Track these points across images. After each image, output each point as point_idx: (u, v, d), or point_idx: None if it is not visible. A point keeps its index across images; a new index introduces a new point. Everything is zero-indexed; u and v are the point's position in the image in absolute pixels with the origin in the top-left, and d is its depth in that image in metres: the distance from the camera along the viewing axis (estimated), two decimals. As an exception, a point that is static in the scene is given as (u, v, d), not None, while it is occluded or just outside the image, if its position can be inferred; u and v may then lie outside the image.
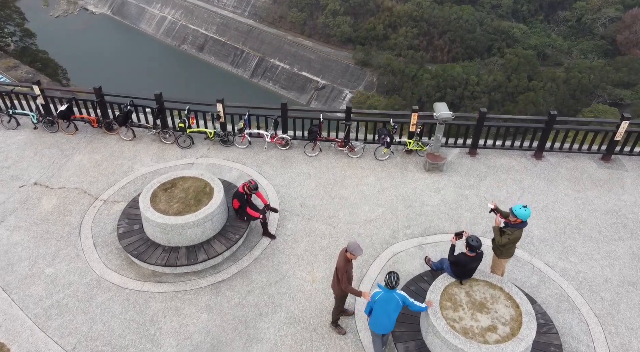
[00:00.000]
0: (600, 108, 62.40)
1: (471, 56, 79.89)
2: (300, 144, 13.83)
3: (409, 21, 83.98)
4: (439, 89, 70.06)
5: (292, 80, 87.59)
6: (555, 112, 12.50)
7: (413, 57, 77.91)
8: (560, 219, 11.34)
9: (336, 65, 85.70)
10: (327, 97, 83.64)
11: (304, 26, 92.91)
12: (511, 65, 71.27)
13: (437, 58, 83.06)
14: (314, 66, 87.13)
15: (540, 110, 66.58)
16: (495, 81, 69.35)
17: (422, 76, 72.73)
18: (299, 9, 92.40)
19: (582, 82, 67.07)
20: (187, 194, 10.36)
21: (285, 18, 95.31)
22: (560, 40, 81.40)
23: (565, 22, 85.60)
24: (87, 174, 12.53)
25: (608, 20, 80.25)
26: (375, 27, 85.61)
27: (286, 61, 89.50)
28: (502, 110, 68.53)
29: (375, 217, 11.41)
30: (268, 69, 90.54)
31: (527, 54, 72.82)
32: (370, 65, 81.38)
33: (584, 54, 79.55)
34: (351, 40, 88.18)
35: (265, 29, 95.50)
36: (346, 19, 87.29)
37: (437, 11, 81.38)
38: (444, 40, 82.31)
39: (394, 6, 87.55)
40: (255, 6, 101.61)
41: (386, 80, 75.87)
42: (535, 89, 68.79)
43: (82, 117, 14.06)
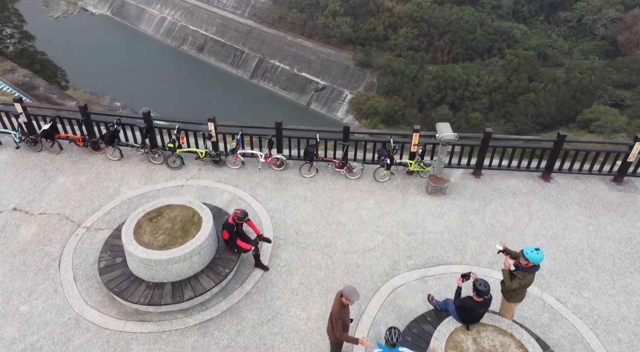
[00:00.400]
0: (601, 109, 61.83)
1: (471, 57, 79.17)
2: (296, 164, 13.14)
3: (409, 22, 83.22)
4: (439, 90, 69.40)
5: (292, 81, 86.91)
6: (566, 133, 11.81)
7: (413, 57, 77.20)
8: (571, 249, 10.66)
9: (336, 66, 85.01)
10: (327, 98, 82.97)
11: (304, 27, 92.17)
12: (511, 66, 70.62)
13: (437, 59, 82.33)
14: (314, 67, 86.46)
15: (540, 111, 66.08)
16: (495, 82, 68.72)
17: (422, 77, 72.06)
18: (298, 9, 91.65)
19: (582, 83, 66.48)
20: (173, 224, 9.70)
21: (285, 19, 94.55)
22: (560, 41, 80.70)
23: (566, 22, 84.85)
24: (71, 198, 11.85)
25: (609, 21, 79.56)
26: (376, 27, 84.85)
27: (286, 62, 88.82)
28: (503, 110, 68.00)
29: (374, 245, 10.75)
30: (268, 69, 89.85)
31: (527, 54, 72.16)
32: (371, 66, 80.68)
33: (585, 54, 78.87)
34: (351, 41, 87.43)
35: (265, 30, 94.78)
36: (346, 20, 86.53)
37: (438, 12, 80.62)
38: (444, 41, 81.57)
39: (394, 7, 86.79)
40: (255, 7, 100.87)
41: (386, 81, 75.21)
42: (535, 89, 68.15)
43: (67, 136, 13.37)
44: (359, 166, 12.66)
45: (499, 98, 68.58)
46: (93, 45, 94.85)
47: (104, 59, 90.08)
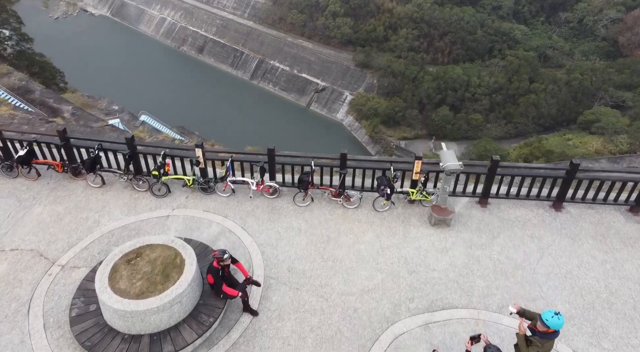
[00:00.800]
0: (602, 110, 61.16)
1: (472, 58, 78.36)
2: (290, 192, 12.27)
3: (409, 23, 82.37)
4: (440, 91, 68.63)
5: (292, 82, 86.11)
6: (579, 161, 10.94)
7: (413, 58, 76.40)
8: (587, 290, 9.82)
9: (336, 67, 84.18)
10: (327, 99, 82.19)
11: (304, 28, 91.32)
12: (512, 67, 69.88)
13: (437, 60, 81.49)
14: (314, 68, 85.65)
15: (541, 113, 65.38)
16: (496, 83, 67.97)
17: (422, 78, 71.31)
18: (298, 10, 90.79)
19: (583, 84, 65.76)
20: (153, 268, 8.88)
21: (285, 19, 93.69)
22: (561, 42, 79.95)
23: (567, 23, 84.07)
24: (46, 231, 11.01)
25: (609, 22, 78.77)
26: (376, 28, 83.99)
27: (286, 63, 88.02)
28: (504, 112, 67.24)
29: (374, 286, 9.92)
30: (268, 70, 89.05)
31: (528, 55, 71.40)
32: (371, 67, 79.87)
33: (586, 55, 78.11)
34: (351, 42, 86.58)
35: (265, 31, 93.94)
36: (346, 21, 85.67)
37: (438, 12, 79.79)
38: (445, 42, 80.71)
39: (394, 7, 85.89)
40: (255, 7, 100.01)
41: (387, 82, 74.45)
42: (536, 91, 67.42)
43: (45, 161, 12.52)
44: (357, 195, 11.81)
45: (499, 99, 67.85)
46: (92, 47, 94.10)
47: (103, 60, 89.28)
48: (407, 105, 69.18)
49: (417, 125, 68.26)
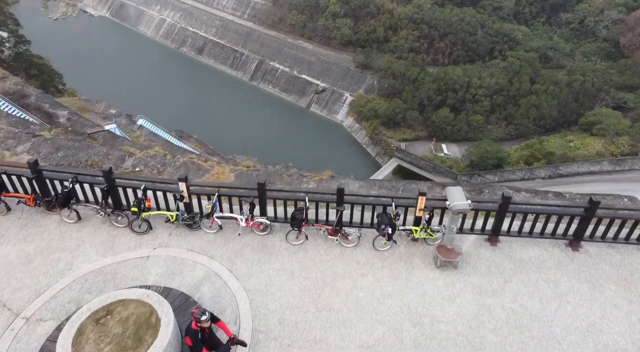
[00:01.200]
0: (603, 112, 60.24)
1: (472, 59, 77.37)
2: (283, 227, 11.26)
3: (409, 23, 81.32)
4: (440, 92, 67.69)
5: (291, 83, 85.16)
6: (600, 200, 9.91)
7: (414, 59, 75.42)
8: (612, 347, 8.81)
9: (336, 68, 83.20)
10: (327, 100, 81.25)
11: (304, 28, 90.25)
12: (513, 68, 68.93)
13: (438, 61, 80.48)
14: (314, 69, 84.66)
15: (542, 114, 64.46)
16: (497, 84, 67.05)
17: (423, 79, 70.38)
18: (298, 11, 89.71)
19: (585, 85, 64.87)
20: (125, 329, 7.88)
21: (285, 20, 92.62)
22: (562, 43, 78.97)
23: (568, 24, 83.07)
24: (13, 276, 10.00)
25: (611, 22, 77.75)
26: (376, 29, 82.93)
27: (286, 64, 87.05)
28: (504, 113, 66.31)
29: (373, 341, 8.92)
30: (268, 71, 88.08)
31: (529, 56, 70.44)
32: (371, 68, 78.90)
33: (587, 56, 77.14)
34: (351, 43, 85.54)
35: (265, 32, 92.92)
36: (346, 22, 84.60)
37: (438, 13, 78.74)
38: (445, 43, 79.68)
39: (394, 8, 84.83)
40: (254, 8, 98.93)
41: (387, 83, 73.52)
42: (537, 92, 66.50)
43: (15, 195, 11.49)
44: (356, 233, 10.79)
45: (500, 100, 66.94)
46: (92, 48, 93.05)
47: (102, 61, 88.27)
48: (408, 107, 68.26)
49: (417, 126, 67.32)
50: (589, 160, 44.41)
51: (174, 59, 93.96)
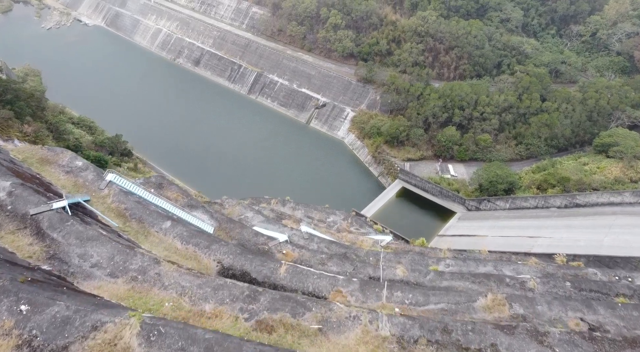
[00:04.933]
0: (620, 132, 57.32)
1: (479, 73, 74.97)
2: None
3: (413, 36, 79.02)
4: (446, 110, 65.11)
5: (291, 97, 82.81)
6: None
7: (418, 74, 73.01)
8: None
9: (337, 81, 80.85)
10: (327, 116, 78.80)
11: (304, 40, 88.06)
12: (522, 84, 66.36)
13: (443, 75, 78.07)
14: (314, 82, 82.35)
15: (554, 133, 61.59)
16: (506, 101, 64.45)
17: (428, 95, 67.88)
18: (298, 22, 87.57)
19: (599, 103, 62.12)
20: None
21: (284, 31, 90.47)
22: (573, 56, 76.47)
23: (579, 36, 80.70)
24: None
25: (624, 36, 75.46)
26: (379, 41, 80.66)
27: (285, 77, 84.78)
28: (514, 132, 63.58)
29: None
30: (266, 85, 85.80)
31: (539, 72, 67.85)
32: (374, 82, 76.55)
33: (600, 71, 74.66)
34: (353, 56, 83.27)
35: (264, 43, 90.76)
36: (348, 34, 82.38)
37: (444, 26, 76.47)
38: (451, 57, 77.33)
39: (398, 20, 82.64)
40: (253, 18, 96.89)
41: (390, 99, 71.05)
42: (549, 110, 63.84)
43: None
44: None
45: (509, 119, 64.30)
46: (84, 59, 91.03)
47: (95, 73, 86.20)
48: (412, 124, 65.70)
49: (422, 145, 64.71)
50: (609, 191, 41.59)
51: (169, 71, 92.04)
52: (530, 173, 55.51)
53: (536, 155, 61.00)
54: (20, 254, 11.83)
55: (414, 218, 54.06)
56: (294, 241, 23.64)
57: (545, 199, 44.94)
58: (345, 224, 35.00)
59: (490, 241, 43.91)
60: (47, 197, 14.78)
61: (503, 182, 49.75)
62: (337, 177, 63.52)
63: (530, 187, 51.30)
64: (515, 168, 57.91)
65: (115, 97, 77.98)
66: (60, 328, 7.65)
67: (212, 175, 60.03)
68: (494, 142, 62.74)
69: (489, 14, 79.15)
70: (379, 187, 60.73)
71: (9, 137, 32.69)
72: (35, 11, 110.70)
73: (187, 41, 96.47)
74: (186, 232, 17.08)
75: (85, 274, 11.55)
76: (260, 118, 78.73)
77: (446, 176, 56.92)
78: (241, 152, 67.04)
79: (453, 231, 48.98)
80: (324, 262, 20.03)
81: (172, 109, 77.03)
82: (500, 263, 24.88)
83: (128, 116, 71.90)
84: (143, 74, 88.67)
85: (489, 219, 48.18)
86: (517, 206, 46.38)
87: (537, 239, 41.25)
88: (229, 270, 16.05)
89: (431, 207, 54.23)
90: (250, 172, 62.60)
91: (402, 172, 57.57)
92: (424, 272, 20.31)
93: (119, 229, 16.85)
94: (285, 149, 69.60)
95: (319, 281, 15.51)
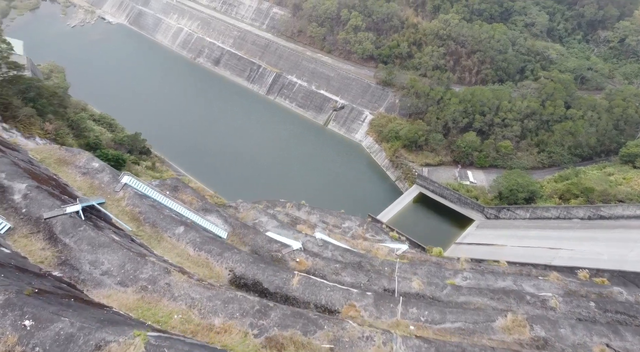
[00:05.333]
0: (647, 142, 55.91)
1: (502, 78, 73.57)
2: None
3: (435, 39, 78.03)
4: (467, 115, 63.98)
5: (309, 99, 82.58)
6: None
7: (439, 78, 72.03)
8: None
9: (356, 84, 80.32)
10: (345, 118, 78.32)
11: (324, 41, 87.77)
12: (546, 90, 64.79)
13: (464, 79, 76.90)
14: (333, 84, 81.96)
15: (579, 142, 60.01)
16: (528, 108, 62.98)
17: (448, 100, 66.82)
18: (318, 23, 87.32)
19: (627, 112, 60.31)
20: None
21: (304, 32, 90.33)
22: (600, 63, 74.44)
23: (607, 42, 78.59)
24: None
25: (656, 42, 73.42)
26: (399, 44, 79.85)
27: (304, 78, 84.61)
28: (536, 139, 62.15)
29: None
30: (285, 86, 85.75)
31: (563, 78, 66.20)
32: (393, 85, 75.78)
33: (628, 78, 72.51)
34: (373, 58, 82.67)
35: (284, 44, 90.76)
36: (368, 36, 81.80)
37: (466, 29, 75.26)
38: (473, 61, 76.10)
39: (419, 23, 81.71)
40: (274, 19, 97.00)
41: (409, 103, 70.22)
42: (573, 117, 62.19)
43: None
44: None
45: (532, 125, 62.83)
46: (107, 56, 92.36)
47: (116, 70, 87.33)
48: (431, 129, 64.79)
49: (441, 150, 63.74)
50: (635, 203, 40.15)
51: (189, 70, 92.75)
52: (553, 182, 54.13)
53: (559, 164, 59.51)
54: (32, 259, 11.72)
55: (431, 225, 53.23)
56: (308, 248, 23.28)
57: (567, 210, 43.68)
58: (360, 230, 34.51)
59: (509, 251, 42.89)
60: (62, 200, 14.69)
61: (524, 191, 48.59)
62: (353, 180, 62.99)
63: (552, 196, 50.00)
64: (536, 176, 56.55)
65: (135, 95, 78.89)
66: (64, 346, 7.41)
67: (228, 175, 60.14)
68: (515, 149, 61.43)
69: (513, 18, 77.67)
70: (395, 191, 60.00)
71: (31, 134, 33.11)
72: (61, 9, 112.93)
73: (208, 41, 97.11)
74: (199, 238, 16.85)
75: (96, 282, 11.37)
76: (278, 119, 78.75)
77: (465, 183, 55.92)
78: (258, 152, 67.06)
79: (471, 239, 48.02)
80: (337, 272, 19.60)
81: (191, 108, 77.53)
82: (520, 278, 24.10)
83: (147, 114, 72.62)
84: (163, 72, 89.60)
85: (508, 228, 47.11)
86: (538, 215, 45.18)
87: (558, 250, 40.10)
88: (240, 279, 15.75)
89: (449, 214, 53.32)
90: (266, 173, 62.54)
91: (420, 177, 56.76)
92: (441, 285, 19.72)
93: (132, 233, 16.70)
94: (302, 151, 69.41)
95: (332, 293, 15.10)
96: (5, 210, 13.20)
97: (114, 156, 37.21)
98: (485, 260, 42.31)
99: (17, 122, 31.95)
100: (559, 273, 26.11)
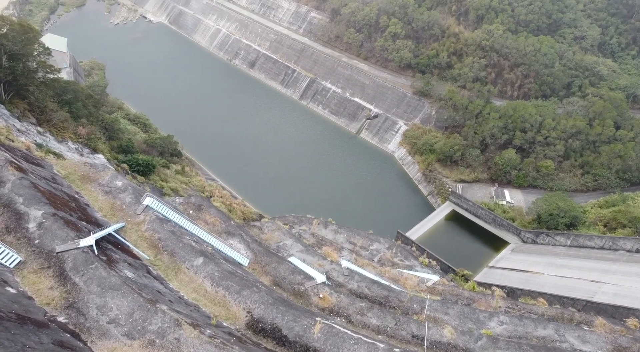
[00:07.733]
0: None
1: (546, 94, 70.03)
2: None
3: (477, 50, 75.16)
4: (507, 131, 61.04)
5: (342, 106, 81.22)
6: None
7: (479, 90, 69.23)
8: None
9: (392, 93, 78.37)
10: (379, 128, 76.52)
11: (361, 48, 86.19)
12: (594, 109, 61.10)
13: (505, 93, 73.73)
14: (368, 92, 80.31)
15: (628, 166, 56.28)
16: (574, 126, 59.47)
17: (488, 114, 64.00)
18: (356, 29, 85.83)
19: (684, 135, 56.32)
20: None
21: (341, 38, 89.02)
22: (656, 81, 70.03)
23: (664, 58, 73.92)
24: None
25: None
26: (439, 54, 77.39)
27: (338, 84, 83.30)
28: (581, 160, 58.65)
29: None
30: (318, 91, 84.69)
31: (614, 96, 62.31)
32: (430, 96, 73.45)
33: (686, 98, 67.88)
34: (410, 67, 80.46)
35: (320, 49, 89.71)
36: (407, 44, 79.67)
37: (511, 41, 72.10)
38: (516, 74, 72.82)
39: (461, 32, 78.97)
40: (311, 23, 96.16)
41: (446, 115, 67.79)
42: (623, 139, 58.39)
43: None
44: None
45: (576, 145, 59.33)
46: (146, 55, 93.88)
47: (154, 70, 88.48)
48: (468, 144, 62.24)
49: (477, 167, 61.08)
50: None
51: (224, 72, 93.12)
52: (597, 207, 50.90)
53: (605, 188, 55.95)
54: (39, 299, 10.97)
55: (462, 245, 50.97)
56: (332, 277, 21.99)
57: (613, 240, 40.71)
58: (389, 254, 33.01)
59: (546, 280, 40.35)
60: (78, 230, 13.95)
61: (565, 216, 45.76)
62: (383, 192, 61.26)
63: (596, 224, 46.95)
64: (579, 200, 53.31)
65: (171, 95, 79.66)
66: None
67: (257, 180, 59.61)
68: (557, 170, 58.20)
69: (561, 31, 74.05)
70: (427, 207, 57.93)
71: (63, 138, 33.19)
72: (105, 6, 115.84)
73: (244, 43, 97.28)
74: (217, 272, 15.88)
75: (101, 332, 10.51)
76: (311, 125, 77.85)
77: (501, 202, 53.33)
78: (289, 158, 66.36)
79: (505, 264, 45.58)
80: (363, 312, 18.27)
81: (224, 110, 77.62)
82: (562, 326, 22.11)
83: (181, 114, 73.08)
84: (199, 73, 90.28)
85: (546, 254, 44.42)
86: (580, 244, 42.35)
87: (601, 284, 37.39)
88: (258, 322, 14.65)
89: (482, 234, 50.94)
90: (295, 179, 61.69)
91: (454, 194, 54.54)
92: (475, 335, 18.07)
93: (149, 263, 15.88)
94: (332, 158, 68.22)
95: (356, 347, 13.78)
96: (18, 240, 12.55)
97: (144, 161, 36.94)
98: (520, 289, 39.90)
99: (51, 126, 32.12)
100: (604, 318, 23.87)
